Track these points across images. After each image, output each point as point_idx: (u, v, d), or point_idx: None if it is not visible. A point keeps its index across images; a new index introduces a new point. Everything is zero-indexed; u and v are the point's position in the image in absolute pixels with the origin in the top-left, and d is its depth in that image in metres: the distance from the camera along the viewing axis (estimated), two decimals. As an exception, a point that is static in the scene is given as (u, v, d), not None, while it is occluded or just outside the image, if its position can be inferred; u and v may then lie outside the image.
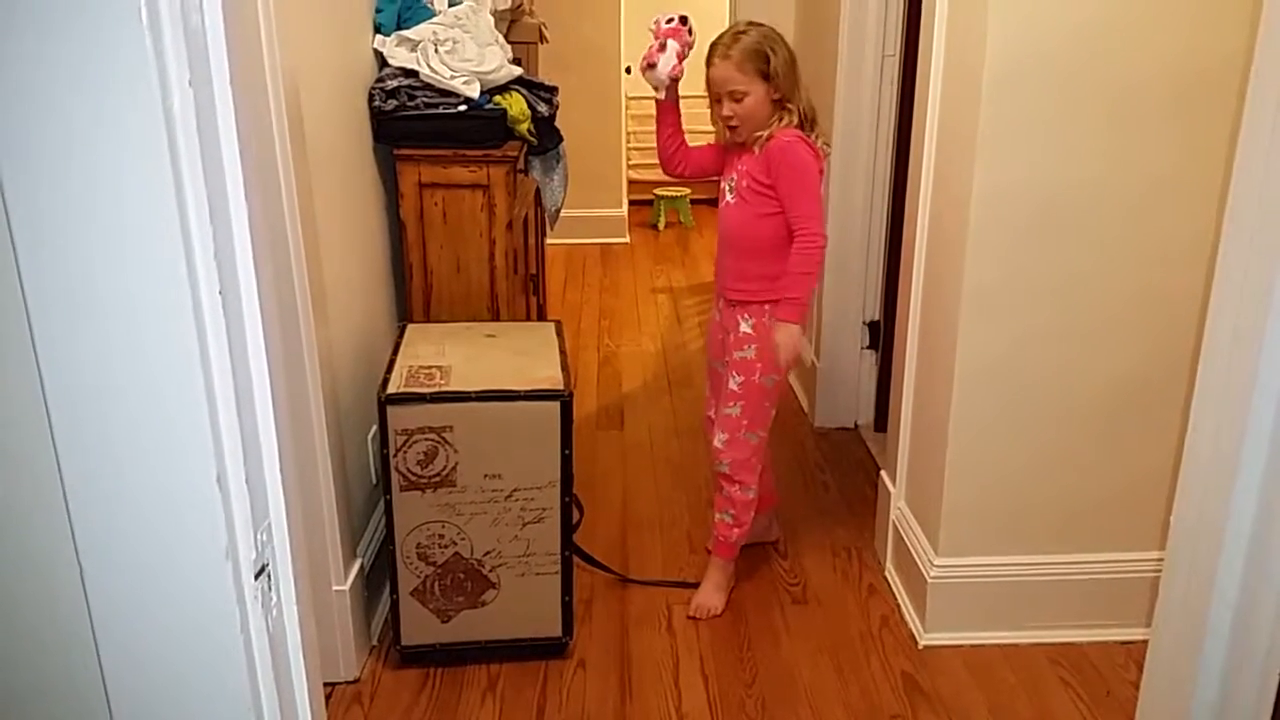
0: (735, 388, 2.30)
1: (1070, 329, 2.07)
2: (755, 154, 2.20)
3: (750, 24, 2.22)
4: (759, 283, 2.26)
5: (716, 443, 2.33)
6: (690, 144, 2.38)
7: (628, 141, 5.86)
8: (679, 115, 2.34)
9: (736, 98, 2.17)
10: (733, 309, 2.32)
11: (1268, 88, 1.08)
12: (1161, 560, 1.37)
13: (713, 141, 2.44)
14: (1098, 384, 2.10)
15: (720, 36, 2.22)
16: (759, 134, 2.19)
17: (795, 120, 2.18)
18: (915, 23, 2.38)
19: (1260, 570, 1.17)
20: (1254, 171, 1.11)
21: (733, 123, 2.20)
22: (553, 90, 2.73)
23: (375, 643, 2.25)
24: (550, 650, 2.21)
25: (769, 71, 2.15)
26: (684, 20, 2.22)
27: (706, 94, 2.25)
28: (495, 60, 2.50)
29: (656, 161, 2.42)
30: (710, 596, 2.39)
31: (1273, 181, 1.07)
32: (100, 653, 0.89)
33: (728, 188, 2.29)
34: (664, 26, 2.21)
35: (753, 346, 2.28)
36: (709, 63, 2.21)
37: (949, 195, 2.12)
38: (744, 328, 2.29)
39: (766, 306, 2.25)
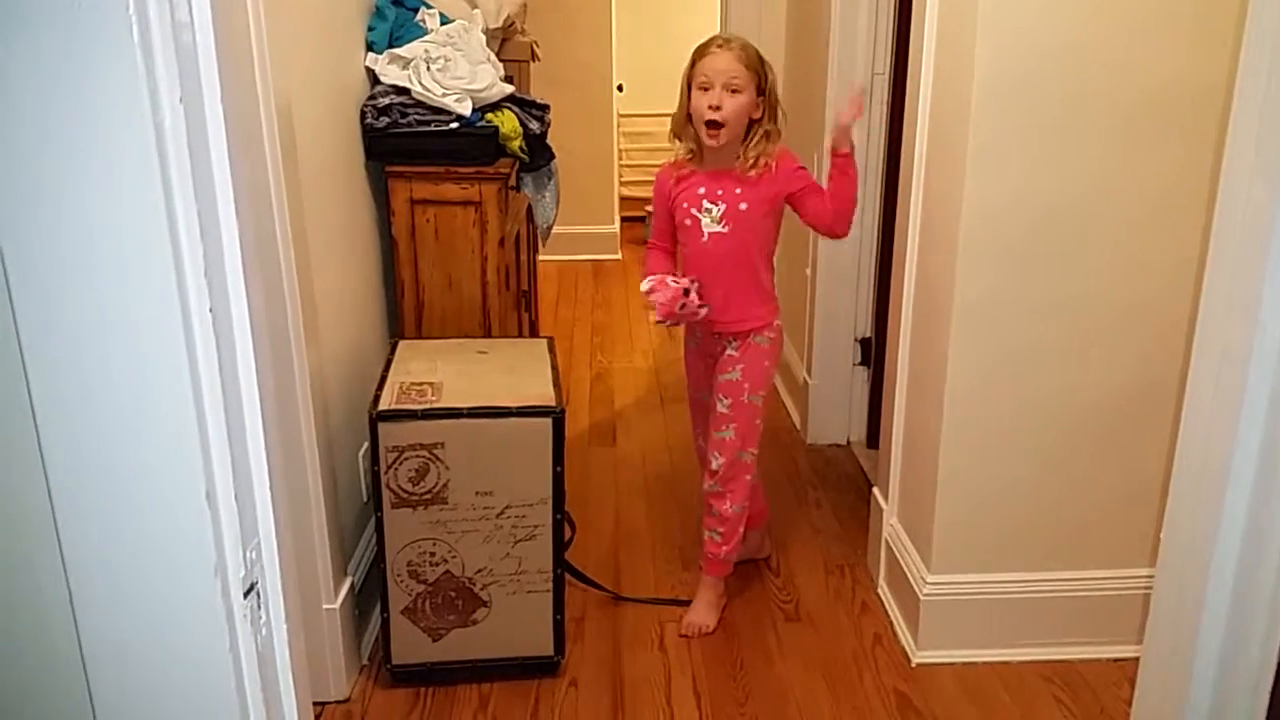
0: (725, 410, 2.29)
1: (1061, 345, 2.07)
2: (755, 180, 2.17)
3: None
4: (746, 309, 2.26)
5: (714, 465, 2.31)
6: (658, 250, 2.35)
7: (619, 159, 5.88)
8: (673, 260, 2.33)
9: (733, 88, 2.10)
10: (718, 336, 2.31)
11: (1250, 105, 1.09)
12: (1154, 576, 1.37)
13: (670, 161, 2.31)
14: (1089, 400, 2.11)
15: (710, 38, 2.19)
16: (753, 158, 2.15)
17: (780, 140, 2.20)
18: (905, 41, 2.39)
19: (1250, 585, 1.18)
20: (1239, 185, 1.12)
21: (719, 117, 2.11)
22: (544, 108, 2.74)
23: (366, 662, 2.24)
24: (542, 669, 2.20)
25: (762, 84, 2.15)
26: (685, 292, 2.20)
27: (688, 88, 2.15)
28: (487, 78, 2.51)
29: (648, 178, 2.42)
30: (702, 614, 2.38)
31: (1257, 196, 1.08)
32: (88, 670, 0.88)
33: (707, 219, 2.21)
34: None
35: (739, 368, 2.28)
36: (705, 52, 2.13)
37: (939, 213, 2.13)
38: (730, 350, 2.29)
39: (750, 333, 2.27)
